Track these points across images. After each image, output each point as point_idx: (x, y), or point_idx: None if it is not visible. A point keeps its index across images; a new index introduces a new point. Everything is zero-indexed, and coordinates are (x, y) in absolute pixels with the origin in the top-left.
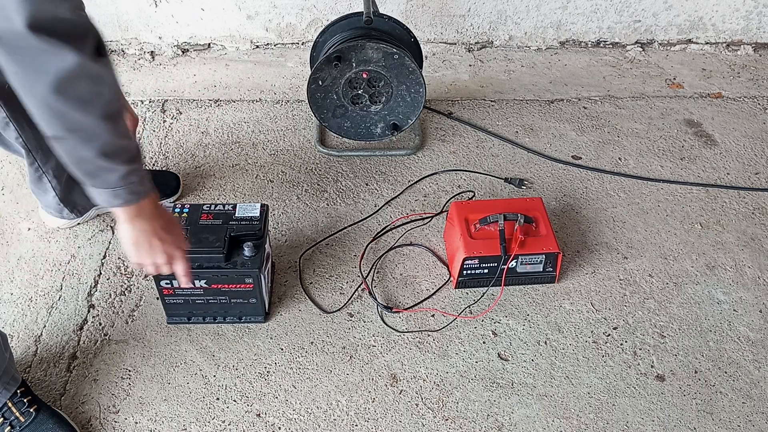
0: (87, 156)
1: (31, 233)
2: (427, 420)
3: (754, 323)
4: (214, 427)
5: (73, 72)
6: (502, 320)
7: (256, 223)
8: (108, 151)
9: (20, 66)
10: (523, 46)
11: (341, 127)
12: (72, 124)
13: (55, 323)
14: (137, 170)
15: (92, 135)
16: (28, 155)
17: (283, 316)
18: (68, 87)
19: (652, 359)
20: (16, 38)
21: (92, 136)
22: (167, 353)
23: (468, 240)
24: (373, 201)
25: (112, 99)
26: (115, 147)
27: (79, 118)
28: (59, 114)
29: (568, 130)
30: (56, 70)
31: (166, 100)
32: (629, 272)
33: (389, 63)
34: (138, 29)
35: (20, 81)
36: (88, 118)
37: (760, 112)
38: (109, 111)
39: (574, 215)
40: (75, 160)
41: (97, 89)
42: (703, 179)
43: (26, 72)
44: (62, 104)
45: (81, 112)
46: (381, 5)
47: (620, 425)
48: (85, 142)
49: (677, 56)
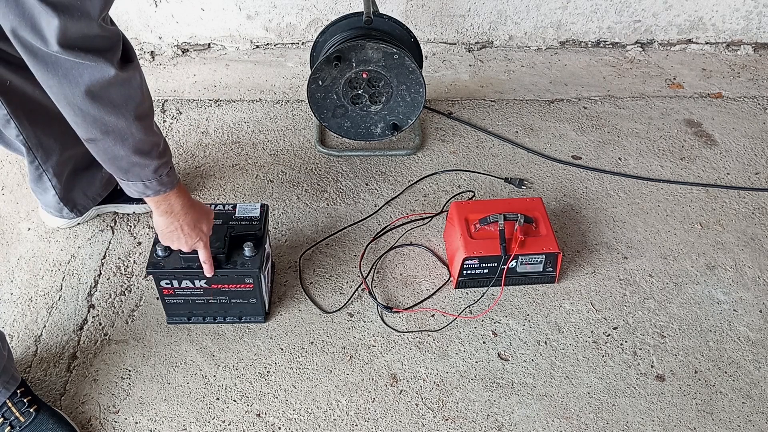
0: (121, 154)
1: (31, 233)
2: (427, 420)
3: (754, 323)
4: (214, 427)
5: (105, 81)
6: (502, 320)
7: (256, 223)
8: (141, 148)
9: (56, 79)
10: (523, 46)
11: (341, 127)
12: (106, 126)
13: (55, 323)
14: (167, 163)
15: (126, 135)
16: (29, 153)
17: (283, 316)
18: (101, 94)
19: (652, 359)
20: (52, 55)
21: (126, 136)
22: (167, 353)
23: (468, 240)
24: (373, 201)
25: (142, 100)
26: (147, 144)
27: (113, 121)
28: (94, 119)
29: (568, 130)
30: (89, 81)
31: (166, 100)
32: (629, 272)
33: (389, 63)
34: (138, 29)
35: (57, 91)
36: (120, 120)
37: (760, 112)
38: (141, 111)
39: (574, 215)
40: (110, 158)
41: (127, 93)
42: (703, 179)
43: (61, 84)
44: (96, 110)
45: (114, 116)
46: (381, 5)
47: (620, 425)
48: (120, 142)
49: (677, 56)
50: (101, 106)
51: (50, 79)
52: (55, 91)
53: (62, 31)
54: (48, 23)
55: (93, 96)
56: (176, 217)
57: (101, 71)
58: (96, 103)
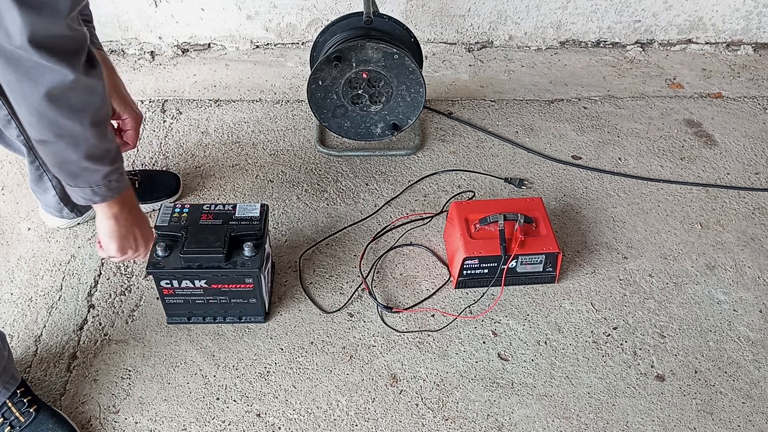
0: (72, 159)
1: (31, 233)
2: (427, 420)
3: (754, 323)
4: (214, 427)
5: (67, 85)
6: (502, 320)
7: (256, 223)
8: (93, 154)
9: (15, 76)
10: (523, 46)
11: (341, 127)
12: (61, 130)
13: (55, 323)
14: (118, 169)
15: (80, 140)
16: (29, 153)
17: (283, 316)
18: (60, 97)
19: (652, 359)
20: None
21: (80, 141)
22: (167, 353)
23: (468, 240)
24: (373, 201)
25: (101, 106)
26: (100, 150)
27: (69, 125)
28: (49, 121)
29: (568, 130)
30: (50, 82)
31: (166, 100)
32: (629, 272)
33: (389, 63)
34: (138, 29)
35: (14, 88)
36: (77, 125)
37: (760, 112)
38: (98, 118)
39: (574, 215)
40: (59, 162)
41: (87, 99)
42: (703, 179)
43: (20, 81)
44: (54, 112)
45: (71, 120)
46: (381, 5)
47: (620, 425)
48: (72, 147)
49: (677, 56)
50: (59, 110)
51: (9, 75)
52: (13, 87)
53: (28, 28)
54: (14, 19)
55: (52, 99)
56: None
57: (64, 75)
58: (54, 106)
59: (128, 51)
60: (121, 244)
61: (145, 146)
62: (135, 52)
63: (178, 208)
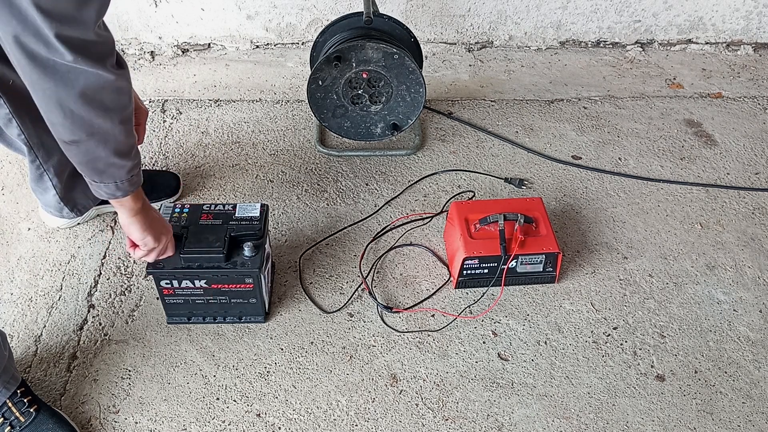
0: (102, 155)
1: (31, 233)
2: (427, 420)
3: (754, 323)
4: (214, 427)
5: (100, 85)
6: (502, 320)
7: (256, 223)
8: (121, 150)
9: (53, 82)
10: (523, 46)
11: (341, 127)
12: (93, 128)
13: (55, 323)
14: (138, 164)
15: (110, 137)
16: (30, 152)
17: (283, 316)
18: (94, 97)
19: (652, 359)
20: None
21: (110, 138)
22: (167, 353)
23: (468, 240)
24: (373, 201)
25: (128, 105)
26: (126, 146)
27: (101, 123)
28: (83, 120)
29: (568, 130)
30: (84, 84)
31: (166, 100)
32: (629, 272)
33: (389, 63)
34: (138, 29)
35: (50, 95)
36: (107, 123)
37: (760, 112)
38: (126, 115)
39: (574, 215)
40: (89, 160)
41: (117, 98)
42: (703, 179)
43: (57, 86)
44: (87, 112)
45: (102, 119)
46: (381, 5)
47: (620, 425)
48: (103, 144)
49: (677, 56)
50: (92, 109)
51: (46, 83)
52: (50, 93)
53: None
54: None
55: (86, 99)
56: (146, 212)
57: (98, 76)
58: (88, 106)
59: (128, 51)
60: (155, 233)
61: (145, 146)
62: (135, 52)
63: (178, 208)
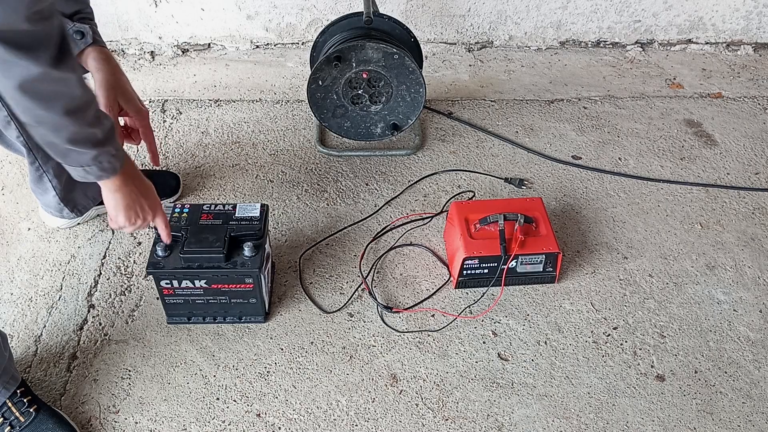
0: (56, 142)
1: (31, 233)
2: (427, 420)
3: (754, 323)
4: (214, 427)
5: (34, 78)
6: (502, 320)
7: (256, 223)
8: (75, 139)
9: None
10: (523, 46)
11: (341, 127)
12: (38, 117)
13: (55, 323)
14: (107, 151)
15: (58, 126)
16: (29, 154)
17: (283, 316)
18: (30, 88)
19: (652, 359)
20: None
21: (59, 128)
22: (167, 353)
23: (468, 240)
24: (373, 201)
25: (75, 96)
26: (81, 135)
27: (44, 114)
28: (25, 109)
29: (568, 130)
30: (19, 75)
31: (166, 100)
32: (629, 272)
33: (389, 63)
34: (138, 29)
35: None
36: (50, 114)
37: (760, 112)
38: (72, 107)
39: (574, 215)
40: (46, 143)
41: (57, 90)
42: (703, 179)
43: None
44: (27, 102)
45: (44, 110)
46: (381, 5)
47: (620, 425)
48: (53, 132)
49: (677, 56)
50: (32, 101)
51: None
52: None
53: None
54: None
55: (24, 90)
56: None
57: (29, 68)
58: (27, 98)
59: (128, 51)
60: (128, 214)
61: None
62: (135, 52)
63: (178, 208)
